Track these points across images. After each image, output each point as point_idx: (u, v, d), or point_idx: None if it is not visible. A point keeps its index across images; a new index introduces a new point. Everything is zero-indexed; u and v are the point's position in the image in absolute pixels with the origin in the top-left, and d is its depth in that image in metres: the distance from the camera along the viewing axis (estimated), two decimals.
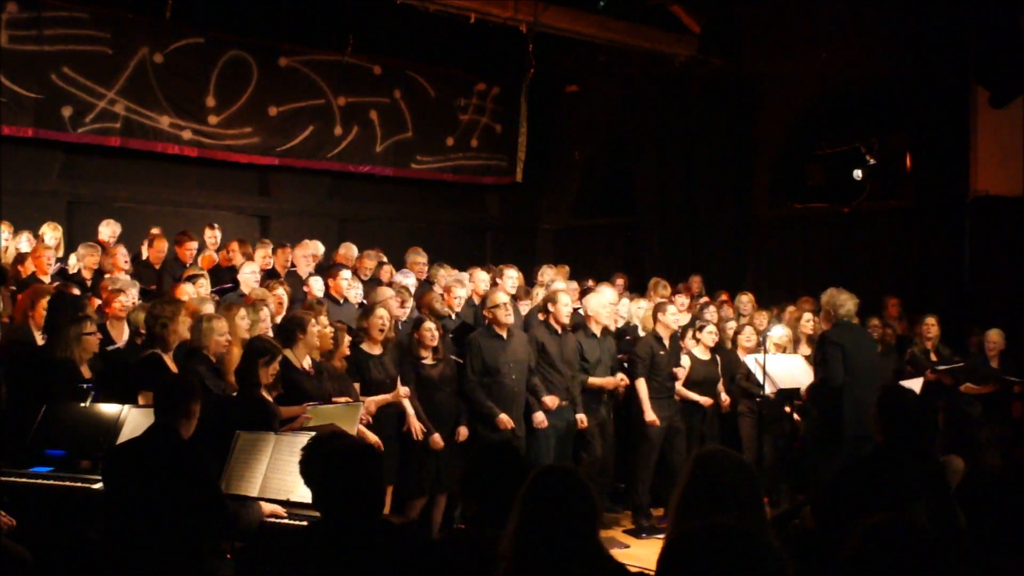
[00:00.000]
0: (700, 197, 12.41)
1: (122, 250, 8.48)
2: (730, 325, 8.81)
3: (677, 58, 12.23)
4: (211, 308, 6.49)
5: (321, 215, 12.59)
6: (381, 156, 12.69)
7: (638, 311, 8.69)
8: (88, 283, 7.93)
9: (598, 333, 7.70)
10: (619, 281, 10.38)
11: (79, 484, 4.98)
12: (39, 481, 5.04)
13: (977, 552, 3.57)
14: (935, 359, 8.66)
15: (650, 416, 7.69)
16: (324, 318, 6.61)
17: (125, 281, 7.39)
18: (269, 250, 9.20)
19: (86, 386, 5.62)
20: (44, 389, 5.55)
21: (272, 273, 8.86)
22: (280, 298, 7.34)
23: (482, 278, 8.69)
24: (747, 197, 12.44)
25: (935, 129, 10.66)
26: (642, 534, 7.67)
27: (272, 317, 6.73)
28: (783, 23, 11.97)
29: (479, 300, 8.30)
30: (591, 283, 9.92)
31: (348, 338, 6.56)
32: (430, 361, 6.82)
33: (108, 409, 5.36)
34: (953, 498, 4.27)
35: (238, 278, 8.20)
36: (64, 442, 5.23)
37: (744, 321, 9.06)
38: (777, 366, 7.85)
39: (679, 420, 7.92)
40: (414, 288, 8.43)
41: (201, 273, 7.82)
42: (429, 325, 6.81)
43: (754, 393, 8.10)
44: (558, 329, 7.40)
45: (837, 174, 11.56)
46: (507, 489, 2.98)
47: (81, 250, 8.34)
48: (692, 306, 9.54)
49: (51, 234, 8.68)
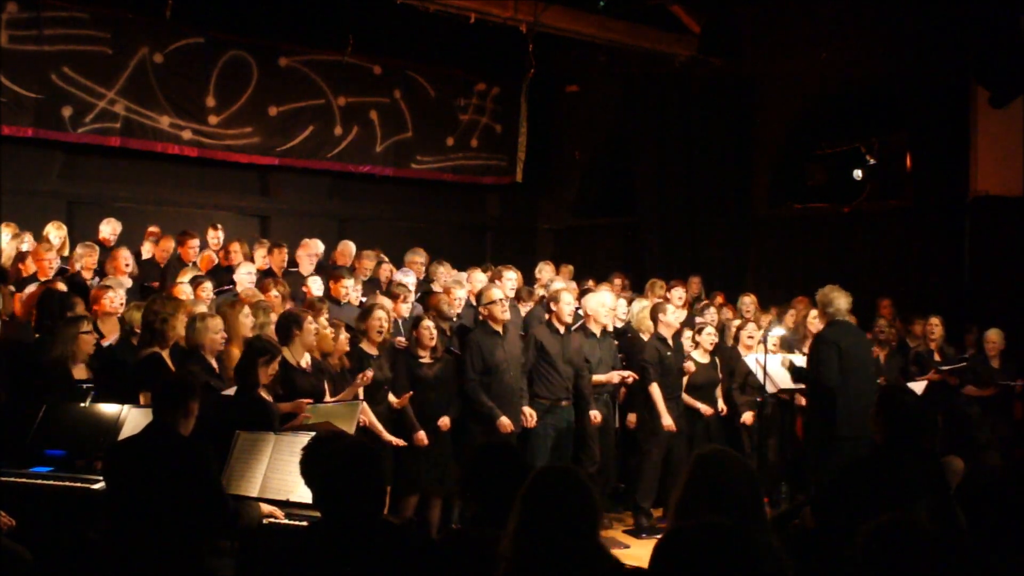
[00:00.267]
0: (700, 197, 12.39)
1: (124, 252, 8.46)
2: (733, 325, 8.77)
3: (677, 58, 12.22)
4: (205, 308, 6.47)
5: (321, 215, 12.58)
6: (381, 156, 12.68)
7: (641, 315, 8.58)
8: (88, 283, 7.92)
9: (598, 333, 7.70)
10: (617, 281, 10.37)
11: (79, 484, 4.98)
12: (39, 481, 5.05)
13: (977, 552, 3.57)
14: (939, 359, 8.65)
15: (667, 421, 7.64)
16: (324, 318, 6.60)
17: (115, 279, 7.39)
18: (266, 250, 9.20)
19: (86, 386, 5.62)
20: (38, 388, 5.55)
21: (270, 273, 8.86)
22: (275, 299, 7.32)
23: (479, 278, 8.67)
24: (747, 197, 12.43)
25: (935, 129, 10.65)
26: (642, 534, 7.67)
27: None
28: (783, 23, 11.97)
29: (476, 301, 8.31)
30: (590, 283, 9.91)
31: (346, 336, 6.55)
32: (427, 360, 6.81)
33: (108, 409, 5.36)
34: (953, 498, 4.26)
35: (234, 278, 8.21)
36: (64, 442, 5.24)
37: (747, 321, 9.01)
38: (778, 366, 7.84)
39: (683, 422, 7.89)
40: (414, 287, 8.42)
41: (205, 278, 7.78)
42: (428, 324, 6.80)
43: (753, 396, 8.10)
44: (560, 328, 7.39)
45: (837, 174, 11.55)
46: (507, 489, 2.98)
47: (79, 250, 8.32)
48: (687, 300, 9.49)
49: (56, 233, 8.66)
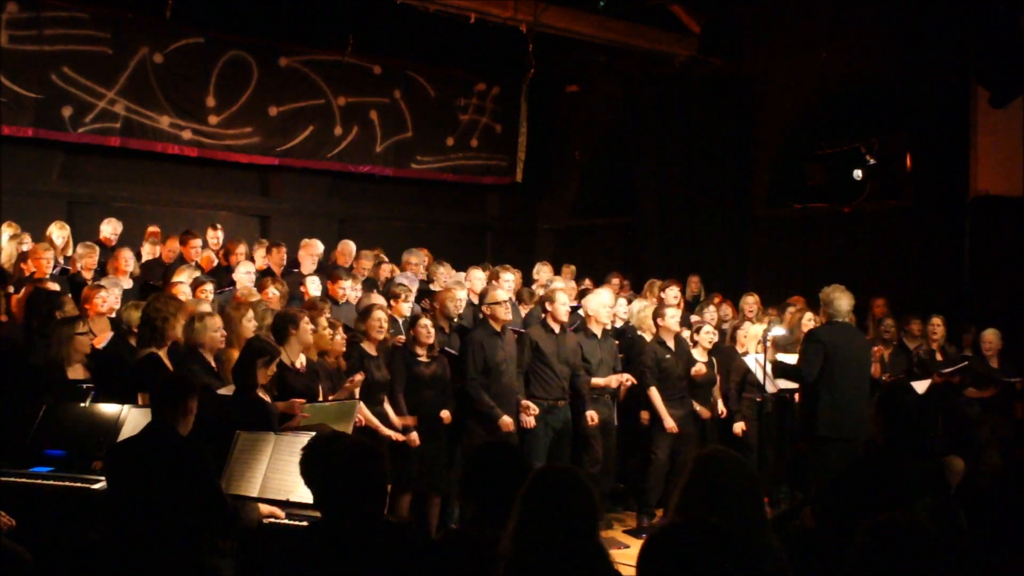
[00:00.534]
0: (700, 197, 12.39)
1: (125, 252, 8.45)
2: (726, 327, 8.75)
3: (677, 58, 12.23)
4: (205, 307, 6.46)
5: (321, 215, 12.59)
6: (381, 156, 12.69)
7: (643, 315, 8.56)
8: (88, 283, 7.91)
9: (598, 334, 7.69)
10: (615, 281, 10.36)
11: (79, 484, 4.98)
12: (39, 481, 5.04)
13: (977, 552, 3.57)
14: (940, 359, 8.65)
15: (669, 423, 7.64)
16: (324, 319, 6.58)
17: (110, 280, 7.37)
18: (265, 250, 9.19)
19: (86, 386, 5.61)
20: (35, 389, 5.54)
21: (269, 273, 8.85)
22: (272, 298, 7.31)
23: (478, 277, 8.66)
24: (747, 197, 12.43)
25: (935, 129, 10.65)
26: (642, 534, 7.65)
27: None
28: (783, 23, 11.97)
29: (477, 300, 8.30)
30: (588, 283, 9.89)
31: (343, 337, 6.54)
32: (424, 359, 6.81)
33: (108, 409, 5.36)
34: (953, 498, 4.27)
35: (233, 277, 8.20)
36: (64, 442, 5.23)
37: (748, 321, 8.98)
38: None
39: (690, 424, 7.86)
40: (415, 287, 8.40)
41: (205, 278, 7.77)
42: (425, 322, 6.79)
43: (753, 396, 8.09)
44: (555, 328, 7.39)
45: (837, 174, 11.54)
46: (507, 489, 2.98)
47: (80, 250, 8.32)
48: (682, 301, 9.46)
49: (58, 233, 8.65)
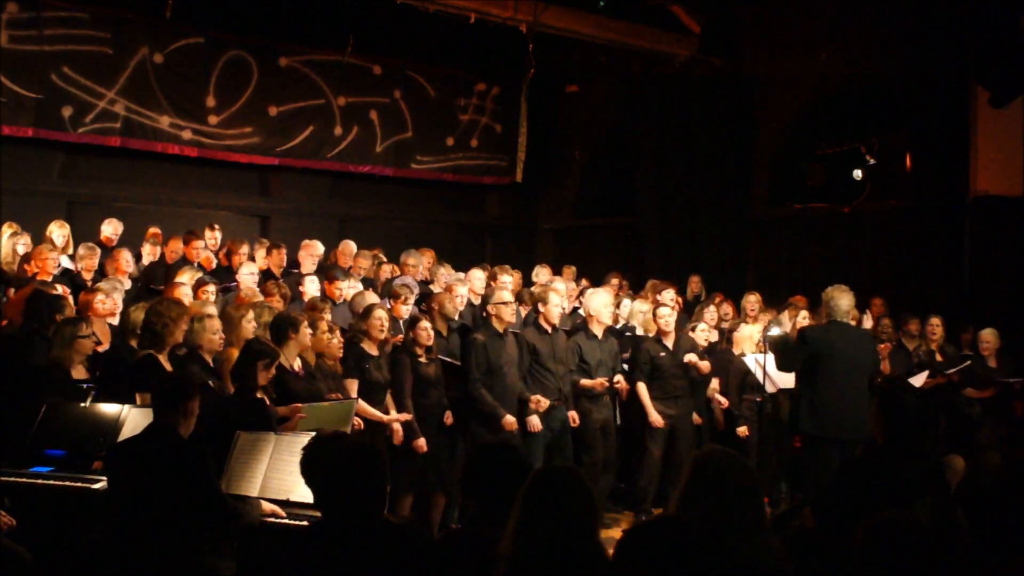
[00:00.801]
0: (700, 197, 12.39)
1: (125, 254, 8.44)
2: (725, 326, 8.75)
3: (677, 58, 12.23)
4: (208, 308, 6.45)
5: (321, 215, 12.59)
6: (381, 156, 12.69)
7: (640, 313, 8.59)
8: (89, 283, 7.91)
9: (599, 334, 7.69)
10: (614, 280, 10.37)
11: (79, 484, 4.98)
12: (39, 481, 5.04)
13: (977, 552, 3.56)
14: (940, 359, 8.65)
15: (654, 417, 7.66)
16: (324, 323, 6.56)
17: (107, 283, 7.35)
18: (265, 250, 9.18)
19: (86, 386, 5.61)
20: (37, 391, 5.53)
21: (269, 274, 8.85)
22: (278, 304, 7.30)
23: (478, 276, 8.66)
24: (747, 197, 12.43)
25: (935, 129, 10.65)
26: None
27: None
28: (783, 23, 11.97)
29: (478, 300, 8.30)
30: (585, 283, 9.89)
31: (340, 340, 6.54)
32: (424, 360, 6.82)
33: (108, 409, 5.35)
34: (953, 498, 4.27)
35: (237, 279, 8.20)
36: (64, 442, 5.23)
37: (748, 321, 8.97)
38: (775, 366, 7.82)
39: (685, 422, 7.87)
40: (416, 289, 8.41)
41: (207, 279, 7.76)
42: (425, 324, 6.80)
43: (752, 396, 8.09)
44: (548, 328, 7.40)
45: (837, 174, 11.55)
46: (507, 489, 2.98)
47: (81, 250, 8.31)
48: (678, 301, 9.48)
49: (59, 232, 8.63)
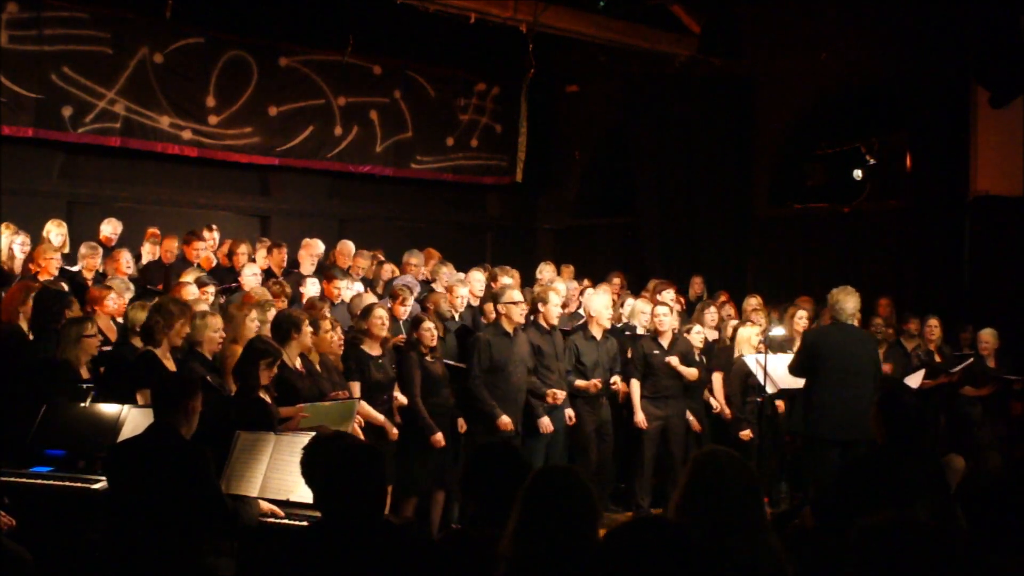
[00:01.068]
0: (700, 197, 12.39)
1: (125, 254, 8.44)
2: (734, 324, 8.73)
3: (677, 58, 12.22)
4: (205, 307, 6.46)
5: (321, 215, 12.57)
6: (381, 156, 12.68)
7: (642, 313, 8.56)
8: (89, 283, 7.91)
9: (598, 335, 7.69)
10: (616, 280, 10.36)
11: (79, 484, 4.98)
12: (39, 481, 5.04)
13: (977, 552, 3.57)
14: (939, 359, 8.66)
15: (639, 417, 7.74)
16: (327, 322, 6.57)
17: (117, 281, 7.36)
18: (266, 250, 9.17)
19: (86, 386, 5.61)
20: (42, 390, 5.54)
21: (270, 273, 8.85)
22: (283, 305, 7.30)
23: (477, 278, 8.66)
24: (747, 197, 12.43)
25: (935, 129, 10.65)
26: None
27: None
28: (783, 23, 11.96)
29: (477, 301, 8.30)
30: (587, 283, 9.89)
31: (340, 338, 6.55)
32: (430, 359, 6.83)
33: (108, 409, 5.36)
34: (953, 498, 4.27)
35: (240, 280, 8.20)
36: (64, 442, 5.23)
37: (746, 322, 8.96)
38: (778, 366, 7.83)
39: (677, 422, 7.89)
40: (416, 289, 8.40)
41: (208, 279, 7.76)
42: (428, 325, 6.81)
43: (753, 397, 8.09)
44: (547, 328, 7.41)
45: (837, 174, 11.55)
46: (507, 489, 2.98)
47: (83, 250, 8.31)
48: (677, 299, 9.48)
49: (56, 231, 8.62)
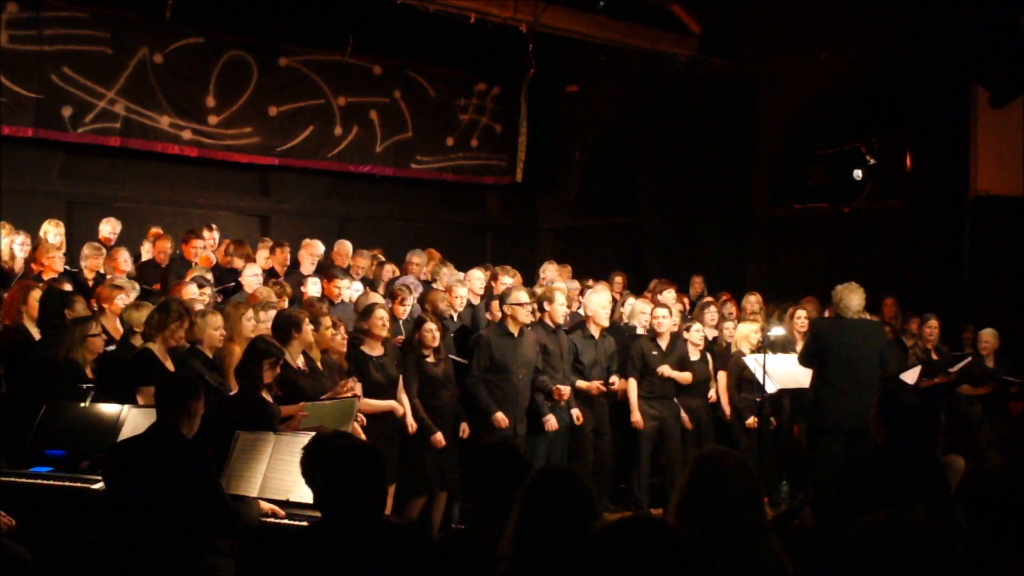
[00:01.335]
0: (700, 197, 12.40)
1: (123, 253, 8.44)
2: (728, 325, 8.75)
3: (677, 58, 12.23)
4: (202, 306, 6.46)
5: (321, 215, 12.58)
6: (381, 156, 12.68)
7: (642, 313, 8.55)
8: (90, 283, 7.91)
9: (596, 335, 7.69)
10: (618, 280, 10.36)
11: (79, 484, 4.98)
12: (39, 481, 5.05)
13: (977, 552, 3.57)
14: (936, 359, 8.66)
15: (635, 416, 7.76)
16: (327, 319, 6.59)
17: (125, 281, 7.38)
18: (268, 250, 9.17)
19: (86, 386, 5.61)
20: (46, 389, 5.54)
21: (272, 273, 8.85)
22: (283, 304, 7.31)
23: (477, 277, 8.66)
24: (747, 197, 12.44)
25: (935, 129, 10.66)
26: None
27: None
28: (783, 23, 11.97)
29: (477, 301, 8.30)
30: (590, 283, 9.88)
31: (344, 337, 6.55)
32: (432, 360, 6.82)
33: (108, 409, 5.36)
34: (953, 498, 4.27)
35: (240, 280, 8.20)
36: (64, 442, 5.23)
37: (745, 320, 8.95)
38: (777, 366, 7.83)
39: (673, 422, 7.89)
40: (416, 289, 8.39)
41: (208, 281, 7.76)
42: (430, 326, 6.80)
43: (752, 395, 8.08)
44: (553, 327, 7.40)
45: (837, 174, 11.56)
46: (507, 489, 2.98)
47: (86, 250, 8.30)
48: (680, 298, 9.48)
49: (54, 231, 8.62)
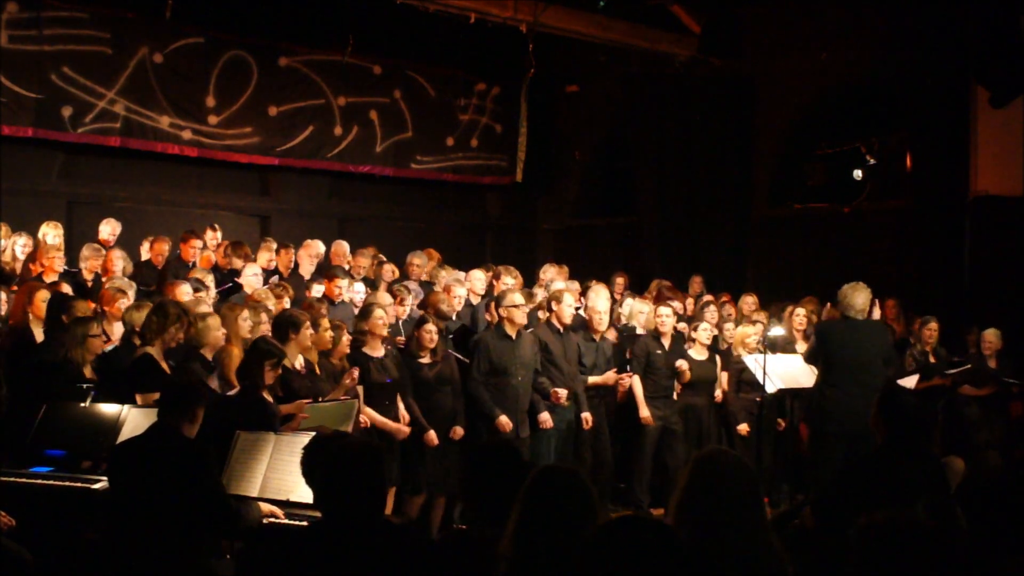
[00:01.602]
0: (700, 197, 12.40)
1: (116, 253, 8.44)
2: (728, 326, 8.75)
3: (677, 58, 12.23)
4: (203, 308, 6.46)
5: (321, 215, 12.57)
6: (381, 156, 12.67)
7: (640, 313, 8.57)
8: (89, 284, 7.91)
9: (597, 336, 7.69)
10: (619, 280, 10.36)
11: (79, 484, 4.98)
12: (39, 481, 5.05)
13: (977, 552, 3.57)
14: (933, 361, 8.66)
15: (644, 413, 7.73)
16: (326, 320, 6.59)
17: (126, 282, 7.38)
18: (272, 251, 9.17)
19: (86, 386, 5.62)
20: (46, 389, 5.55)
21: (274, 274, 8.84)
22: (285, 305, 7.30)
23: (478, 277, 8.66)
24: (747, 197, 12.43)
25: (935, 129, 10.66)
26: None
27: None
28: (783, 23, 11.97)
29: (477, 301, 8.30)
30: (592, 283, 9.89)
31: (347, 337, 6.55)
32: (427, 361, 6.81)
33: (108, 409, 5.36)
34: (953, 499, 4.27)
35: (240, 280, 8.20)
36: (64, 442, 5.23)
37: (743, 322, 8.98)
38: (777, 366, 7.84)
39: (676, 422, 7.90)
40: (417, 290, 8.39)
41: (203, 284, 7.75)
42: (430, 327, 6.79)
43: (752, 396, 8.09)
44: (560, 328, 7.40)
45: (837, 174, 11.54)
46: (507, 489, 2.98)
47: (86, 251, 8.30)
48: (682, 299, 9.49)
49: (53, 232, 8.62)
